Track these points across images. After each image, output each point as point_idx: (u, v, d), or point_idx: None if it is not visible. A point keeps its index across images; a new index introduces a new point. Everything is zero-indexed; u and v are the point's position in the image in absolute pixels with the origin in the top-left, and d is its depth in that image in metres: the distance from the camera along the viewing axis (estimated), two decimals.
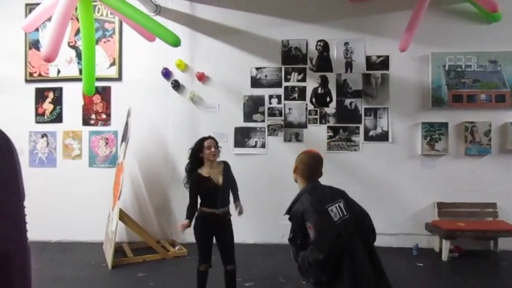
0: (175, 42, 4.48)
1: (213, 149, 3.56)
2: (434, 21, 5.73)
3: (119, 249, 5.53)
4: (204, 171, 3.57)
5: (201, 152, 3.57)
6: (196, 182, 3.54)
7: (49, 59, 3.94)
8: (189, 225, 3.48)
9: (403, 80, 5.92)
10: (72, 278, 4.59)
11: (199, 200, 3.57)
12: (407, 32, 5.26)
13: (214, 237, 3.58)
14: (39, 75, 6.36)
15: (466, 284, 4.42)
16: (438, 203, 5.74)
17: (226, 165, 3.70)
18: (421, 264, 5.10)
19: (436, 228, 5.47)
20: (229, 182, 3.67)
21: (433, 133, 5.80)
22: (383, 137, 5.92)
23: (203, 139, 3.65)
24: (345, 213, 2.33)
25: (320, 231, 2.23)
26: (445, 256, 5.22)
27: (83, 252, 5.62)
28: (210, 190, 3.51)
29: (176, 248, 5.64)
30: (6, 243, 1.13)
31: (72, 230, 6.12)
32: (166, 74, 6.11)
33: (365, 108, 5.96)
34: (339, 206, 2.35)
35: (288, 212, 2.43)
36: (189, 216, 3.51)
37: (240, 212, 3.71)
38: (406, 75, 5.91)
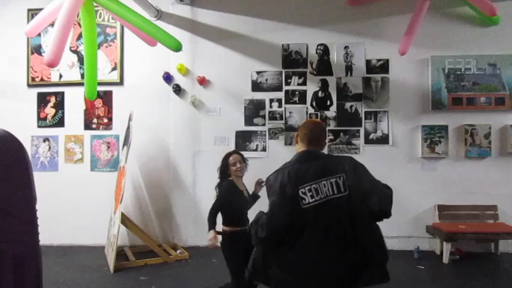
0: (177, 47, 4.52)
1: (238, 165, 3.35)
2: (433, 24, 5.77)
3: (120, 253, 5.55)
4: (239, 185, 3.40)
5: (228, 169, 3.37)
6: (231, 191, 3.31)
7: (52, 64, 3.97)
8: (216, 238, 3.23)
9: (403, 83, 5.95)
10: (74, 282, 4.61)
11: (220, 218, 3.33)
12: (407, 36, 5.31)
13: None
14: (41, 79, 6.40)
15: (467, 286, 4.43)
16: (439, 206, 5.76)
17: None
18: (422, 267, 5.11)
19: (436, 230, 5.49)
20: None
21: (433, 136, 5.83)
22: (383, 140, 5.95)
23: (228, 155, 3.44)
24: (335, 192, 2.16)
25: (271, 212, 2.21)
26: (446, 258, 5.23)
27: (85, 256, 5.64)
28: (243, 205, 3.33)
29: (178, 251, 5.65)
30: (20, 245, 1.16)
31: (74, 234, 6.14)
32: (168, 78, 6.15)
33: (365, 112, 5.99)
34: (329, 183, 2.17)
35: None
36: (213, 226, 3.27)
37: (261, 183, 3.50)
38: (406, 78, 5.95)
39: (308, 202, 2.16)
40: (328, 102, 6.04)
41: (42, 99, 6.41)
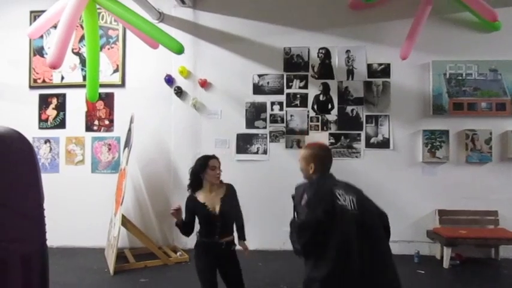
0: (179, 50, 4.53)
1: (217, 171, 3.19)
2: (435, 29, 5.79)
3: (120, 255, 5.54)
4: (201, 195, 3.19)
5: (202, 171, 3.17)
6: (191, 206, 3.19)
7: (55, 66, 3.99)
8: (179, 211, 3.12)
9: (404, 87, 5.96)
10: (74, 284, 4.61)
11: (197, 226, 3.23)
12: (408, 40, 5.32)
13: (217, 269, 3.21)
14: (43, 81, 6.42)
15: None
16: (439, 211, 5.75)
17: (230, 190, 3.28)
18: (423, 272, 5.10)
19: (437, 235, 5.48)
20: (230, 210, 3.22)
21: (434, 141, 5.83)
22: (384, 144, 5.95)
23: (208, 157, 3.23)
24: (354, 208, 2.29)
25: (311, 207, 2.28)
26: (446, 263, 5.22)
27: (85, 258, 5.63)
28: (205, 218, 3.13)
29: (178, 254, 5.65)
30: (28, 244, 1.17)
31: (74, 236, 6.12)
32: (169, 80, 6.16)
33: (366, 116, 6.00)
34: (350, 198, 2.31)
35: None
36: (181, 221, 3.17)
37: (248, 255, 3.37)
38: (407, 83, 5.96)
39: (342, 203, 2.29)
40: (330, 106, 6.05)
41: (44, 101, 6.42)
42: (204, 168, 3.17)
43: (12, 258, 1.10)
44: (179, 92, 6.14)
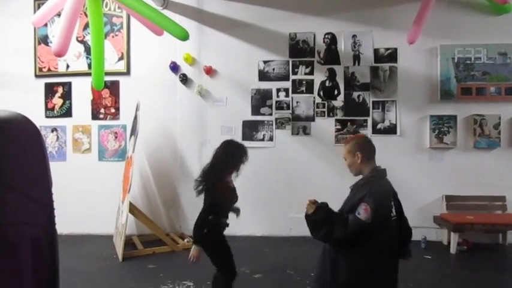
0: (184, 36, 4.50)
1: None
2: (443, 13, 5.68)
3: (128, 242, 5.60)
4: (227, 179, 3.22)
5: (240, 164, 3.19)
6: (227, 193, 3.17)
7: (60, 54, 3.98)
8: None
9: (411, 72, 5.89)
10: (84, 270, 4.67)
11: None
12: (416, 25, 5.23)
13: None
14: (49, 70, 6.41)
15: (474, 276, 4.42)
16: (446, 196, 5.73)
17: None
18: (429, 257, 5.11)
19: (444, 221, 5.47)
20: None
21: (442, 126, 5.78)
22: (391, 130, 5.91)
23: (246, 150, 3.27)
24: (395, 215, 2.42)
25: (375, 217, 2.31)
26: (453, 249, 5.22)
27: (94, 245, 5.70)
28: (234, 201, 3.28)
29: (185, 240, 5.70)
30: (38, 227, 1.18)
31: (82, 223, 6.18)
32: (174, 68, 6.14)
33: (373, 101, 5.94)
34: (394, 204, 2.43)
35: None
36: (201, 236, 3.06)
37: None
38: (415, 68, 5.88)
39: (394, 215, 2.42)
40: (336, 92, 6.00)
41: (50, 90, 6.43)
42: (245, 159, 3.23)
43: (22, 242, 1.11)
44: (184, 80, 6.12)
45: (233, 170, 3.20)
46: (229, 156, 3.15)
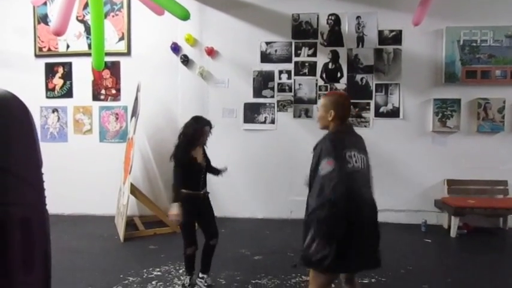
0: (185, 16, 4.42)
1: (208, 136, 3.58)
2: None
3: (130, 223, 5.64)
4: (193, 153, 3.52)
5: (199, 137, 3.51)
6: (187, 163, 3.45)
7: (59, 33, 3.92)
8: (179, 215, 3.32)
9: (415, 55, 5.80)
10: (85, 250, 4.70)
11: None
12: (421, 6, 5.12)
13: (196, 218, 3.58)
14: (49, 50, 6.35)
15: (474, 260, 4.44)
16: (448, 180, 5.72)
17: (203, 148, 3.69)
18: (429, 241, 5.13)
19: (445, 205, 5.47)
20: (208, 163, 3.68)
21: (445, 110, 5.72)
22: (394, 113, 5.86)
23: (205, 123, 3.55)
24: (363, 167, 2.44)
25: (334, 169, 2.33)
26: (453, 233, 5.23)
27: (96, 225, 5.73)
28: (196, 172, 3.50)
29: None
30: (28, 208, 1.15)
31: (84, 204, 6.22)
32: (176, 48, 6.06)
33: (376, 84, 5.88)
34: (360, 156, 2.43)
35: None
36: (179, 199, 3.34)
37: (226, 169, 3.78)
38: (419, 50, 5.79)
39: (353, 165, 2.37)
40: (339, 74, 5.93)
41: (50, 70, 6.37)
42: (201, 135, 3.51)
43: (12, 222, 1.09)
44: (186, 61, 6.05)
45: (192, 144, 3.48)
46: (183, 135, 3.53)
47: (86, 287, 3.66)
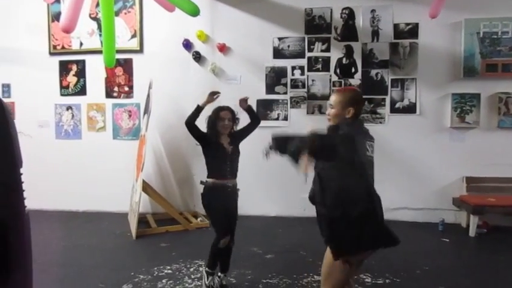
0: (194, 12, 4.37)
1: (226, 122, 3.43)
2: None
3: (143, 220, 5.65)
4: (220, 139, 3.49)
5: (216, 124, 3.44)
6: (214, 147, 3.43)
7: (68, 30, 3.91)
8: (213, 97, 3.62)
9: (433, 48, 5.63)
10: (98, 247, 4.72)
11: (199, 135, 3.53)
12: None
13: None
14: (63, 47, 6.39)
15: (494, 260, 4.29)
16: (467, 178, 5.54)
17: (232, 135, 3.57)
18: (447, 240, 4.98)
19: (463, 203, 5.30)
20: (237, 152, 3.54)
21: (464, 105, 5.54)
22: (410, 109, 5.70)
23: (219, 109, 3.51)
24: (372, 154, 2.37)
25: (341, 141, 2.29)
26: (472, 232, 5.07)
27: (109, 222, 5.76)
28: (221, 158, 3.41)
29: (198, 219, 5.70)
30: (2, 209, 1.11)
31: (98, 201, 6.27)
32: (187, 45, 6.02)
33: (392, 79, 5.73)
34: (372, 144, 2.38)
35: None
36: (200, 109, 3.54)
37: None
38: (437, 43, 5.61)
39: (370, 154, 2.34)
40: (353, 70, 5.80)
41: (64, 68, 6.42)
42: (217, 119, 3.44)
43: None
44: (197, 57, 6.01)
45: (216, 132, 3.46)
46: (207, 124, 3.53)
47: (96, 284, 3.65)
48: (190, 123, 3.49)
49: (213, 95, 3.61)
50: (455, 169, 5.60)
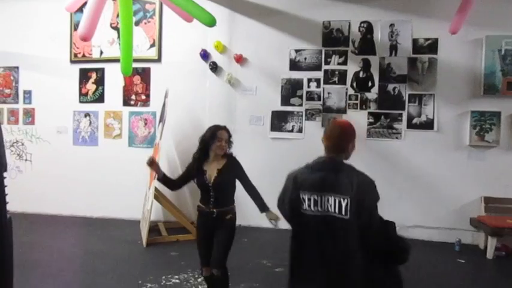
0: (211, 22, 4.41)
1: (223, 143, 3.11)
2: (490, 0, 5.27)
3: (154, 228, 5.67)
4: (205, 163, 3.17)
5: (211, 142, 3.11)
6: (192, 169, 3.20)
7: (85, 38, 3.99)
8: (154, 163, 3.23)
9: (452, 65, 5.53)
10: (108, 254, 4.75)
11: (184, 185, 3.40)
12: (460, 13, 4.86)
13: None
14: (83, 56, 6.53)
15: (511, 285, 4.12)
16: (485, 198, 5.37)
17: (231, 161, 3.17)
18: (463, 261, 4.82)
19: (481, 224, 5.13)
20: (225, 182, 3.12)
21: (484, 123, 5.41)
22: (428, 125, 5.60)
23: (217, 128, 3.18)
24: (336, 211, 2.01)
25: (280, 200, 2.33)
26: (490, 254, 4.90)
27: (121, 230, 5.80)
28: (201, 186, 3.14)
29: None
30: None
31: (112, 208, 6.32)
32: (205, 55, 6.08)
33: (409, 94, 5.64)
34: (333, 199, 2.03)
35: None
36: (163, 175, 3.26)
37: (276, 221, 3.18)
38: (456, 59, 5.52)
39: (305, 209, 2.11)
40: (370, 84, 5.74)
41: (84, 75, 6.55)
42: (212, 139, 3.12)
43: None
44: (214, 68, 6.05)
45: (203, 155, 3.18)
46: (198, 143, 3.24)
47: None
48: (173, 188, 3.42)
49: (152, 163, 3.24)
50: (473, 188, 5.44)
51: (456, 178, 5.50)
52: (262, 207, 3.20)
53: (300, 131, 5.92)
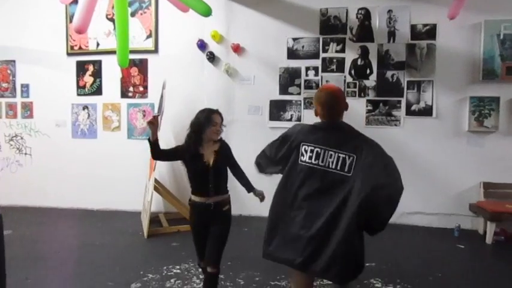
0: (206, 12, 4.37)
1: (218, 127, 2.97)
2: None
3: (155, 219, 5.69)
4: (201, 148, 2.98)
5: (206, 125, 2.94)
6: (183, 150, 3.01)
7: (80, 31, 3.97)
8: (156, 123, 2.92)
9: (451, 50, 5.50)
10: (109, 245, 4.77)
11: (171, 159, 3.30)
12: None
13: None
14: (80, 48, 6.49)
15: (510, 269, 4.15)
16: (484, 183, 5.38)
17: (224, 144, 3.06)
18: (462, 246, 4.85)
19: (480, 209, 5.15)
20: (224, 165, 3.03)
21: (483, 108, 5.39)
22: (426, 111, 5.58)
23: (211, 111, 3.01)
24: (338, 168, 2.16)
25: (270, 147, 2.49)
26: (489, 239, 4.93)
27: (122, 221, 5.82)
28: (200, 170, 2.92)
29: None
30: None
31: (113, 199, 6.34)
32: (202, 45, 6.04)
33: (408, 81, 5.62)
34: (336, 156, 2.16)
35: None
36: (156, 139, 2.97)
37: (263, 198, 3.14)
38: (455, 45, 5.48)
39: (304, 160, 2.24)
40: (368, 71, 5.71)
41: (81, 68, 6.52)
42: (207, 123, 2.95)
43: None
44: (211, 58, 6.02)
45: (198, 140, 2.97)
46: (190, 126, 3.06)
47: (105, 283, 3.68)
48: (157, 157, 3.15)
49: (153, 122, 2.92)
50: (472, 174, 5.46)
51: (455, 164, 5.51)
52: (249, 186, 3.16)
53: (299, 119, 5.91)
